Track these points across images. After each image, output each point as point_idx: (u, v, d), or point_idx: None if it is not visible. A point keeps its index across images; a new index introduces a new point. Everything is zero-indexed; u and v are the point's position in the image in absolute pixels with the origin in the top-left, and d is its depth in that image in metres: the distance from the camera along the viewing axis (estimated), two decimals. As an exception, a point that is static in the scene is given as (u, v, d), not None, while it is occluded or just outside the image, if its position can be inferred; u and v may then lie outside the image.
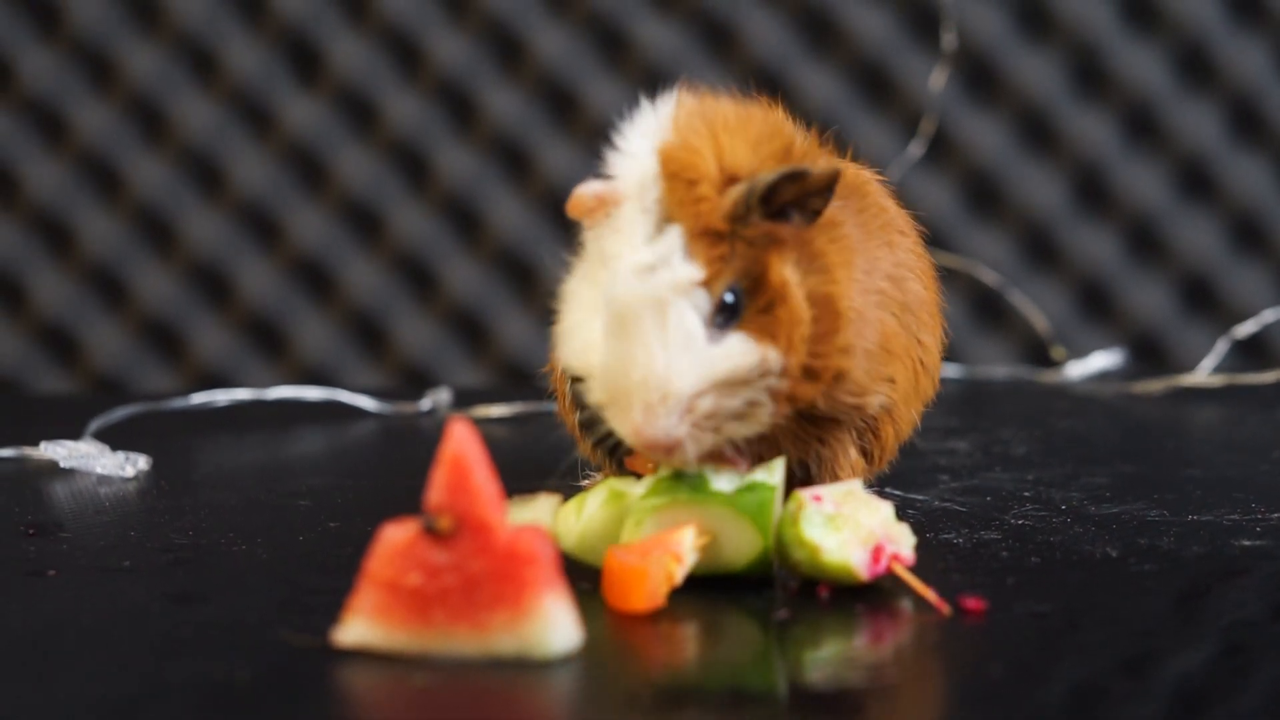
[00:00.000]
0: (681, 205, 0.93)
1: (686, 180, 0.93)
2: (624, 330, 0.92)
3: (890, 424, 1.04)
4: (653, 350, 0.91)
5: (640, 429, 0.92)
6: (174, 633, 0.89)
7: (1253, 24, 1.88)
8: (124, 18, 1.88)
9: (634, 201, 0.94)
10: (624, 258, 0.93)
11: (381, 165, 1.89)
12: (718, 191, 0.93)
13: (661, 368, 0.91)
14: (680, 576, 0.92)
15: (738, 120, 0.97)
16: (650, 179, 0.94)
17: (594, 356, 0.95)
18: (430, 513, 0.84)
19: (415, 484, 0.90)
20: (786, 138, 0.98)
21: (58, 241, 1.89)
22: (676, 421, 0.92)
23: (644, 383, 0.91)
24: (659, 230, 0.93)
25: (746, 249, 0.93)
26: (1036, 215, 1.90)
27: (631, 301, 0.92)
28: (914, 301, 1.03)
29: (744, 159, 0.94)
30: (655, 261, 0.92)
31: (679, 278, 0.92)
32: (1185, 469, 1.30)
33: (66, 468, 1.31)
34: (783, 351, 0.93)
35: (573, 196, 0.96)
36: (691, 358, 0.92)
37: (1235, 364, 1.84)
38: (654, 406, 0.91)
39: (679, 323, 0.92)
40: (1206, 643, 0.86)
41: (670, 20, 1.88)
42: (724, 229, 0.93)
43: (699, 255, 0.92)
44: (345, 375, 1.89)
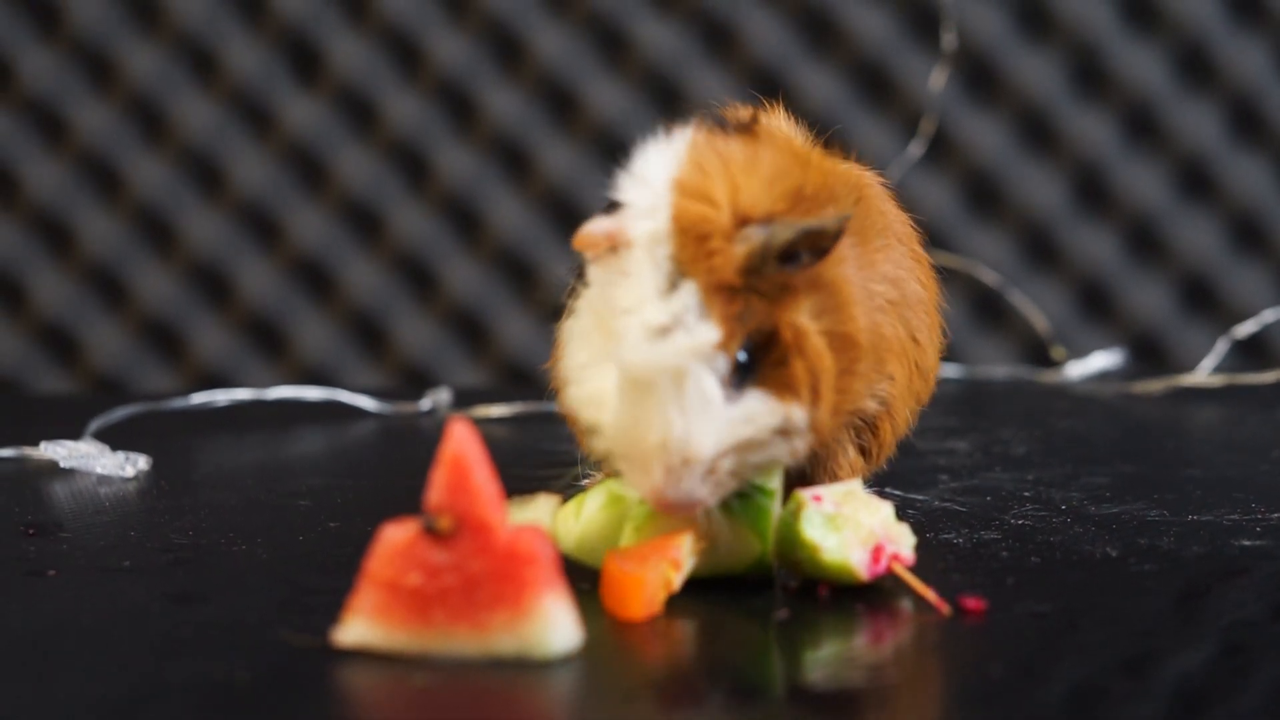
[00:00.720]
0: (694, 261, 0.91)
1: (698, 235, 0.91)
2: (640, 395, 0.91)
3: (888, 421, 1.04)
4: (671, 416, 0.90)
5: (662, 492, 0.91)
6: (174, 633, 0.89)
7: (1253, 24, 1.88)
8: (124, 18, 1.88)
9: (644, 251, 0.92)
10: (636, 315, 0.91)
11: (381, 165, 1.89)
12: (729, 240, 0.91)
13: (681, 433, 0.90)
14: (678, 583, 0.92)
15: (749, 160, 0.94)
16: (662, 233, 0.92)
17: (606, 410, 0.94)
18: (430, 513, 0.84)
19: (415, 484, 0.90)
20: (797, 177, 0.95)
21: (58, 241, 1.89)
22: (698, 484, 0.91)
23: (663, 446, 0.90)
24: (672, 285, 0.91)
25: (759, 302, 0.91)
26: (1036, 215, 1.90)
27: (647, 367, 0.90)
28: (912, 301, 1.03)
29: (757, 200, 0.92)
30: (670, 323, 0.90)
31: (697, 342, 0.90)
32: (1185, 469, 1.30)
33: (66, 468, 1.31)
34: (806, 405, 0.92)
35: (582, 233, 0.94)
36: (711, 422, 0.90)
37: (1235, 364, 1.84)
38: (676, 470, 0.90)
39: (697, 388, 0.90)
40: (1206, 643, 0.86)
41: (670, 20, 1.88)
42: (738, 284, 0.91)
43: (714, 313, 0.90)
44: (345, 375, 1.89)
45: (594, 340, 0.96)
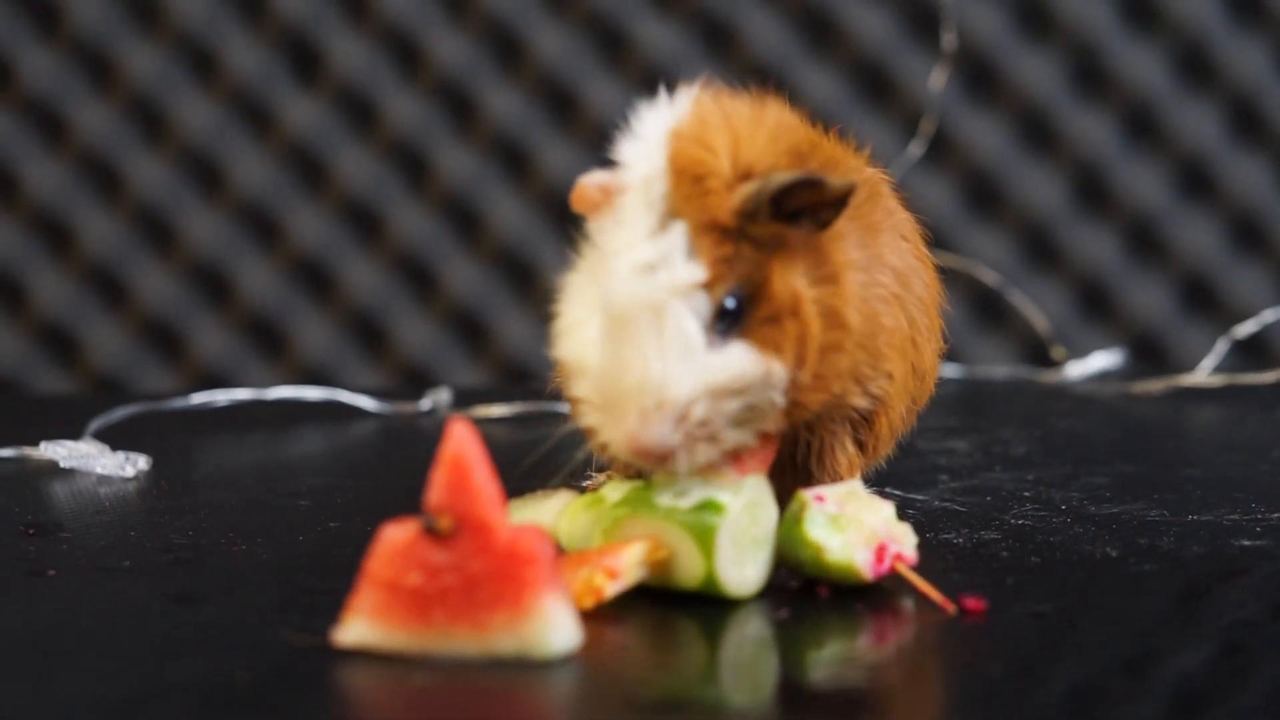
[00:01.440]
0: (688, 200, 0.90)
1: (694, 175, 0.91)
2: (620, 333, 0.90)
3: (884, 415, 1.03)
4: (649, 355, 0.89)
5: (634, 436, 0.89)
6: (174, 633, 0.89)
7: (1253, 24, 1.88)
8: (124, 18, 1.88)
9: (638, 194, 0.92)
10: (623, 255, 0.90)
11: (381, 165, 1.89)
12: (728, 188, 0.91)
13: (657, 374, 0.89)
14: (612, 591, 0.90)
15: (753, 116, 0.95)
16: (657, 172, 0.92)
17: (590, 357, 0.93)
18: (430, 513, 0.84)
19: (415, 484, 0.90)
20: (804, 135, 0.96)
21: (58, 241, 1.89)
22: (670, 430, 0.89)
23: (639, 388, 0.89)
24: (663, 225, 0.91)
25: (753, 251, 0.91)
26: (1036, 215, 1.90)
27: (628, 303, 0.89)
28: (914, 298, 1.03)
29: (759, 154, 0.92)
30: (655, 260, 0.89)
31: (679, 279, 0.89)
32: (1185, 469, 1.30)
33: (66, 468, 1.31)
34: (790, 365, 0.91)
35: (577, 187, 0.94)
36: (689, 364, 0.89)
37: (1235, 364, 1.84)
38: (649, 414, 0.89)
39: (677, 327, 0.89)
40: (1206, 643, 0.86)
41: (670, 20, 1.88)
42: (731, 225, 0.90)
43: (703, 253, 0.90)
44: (345, 375, 1.89)
45: (584, 293, 0.96)
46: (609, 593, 0.90)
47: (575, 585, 0.90)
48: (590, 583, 0.90)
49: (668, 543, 0.92)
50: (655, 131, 0.94)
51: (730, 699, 0.81)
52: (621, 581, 0.91)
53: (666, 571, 0.93)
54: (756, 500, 0.93)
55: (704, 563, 0.91)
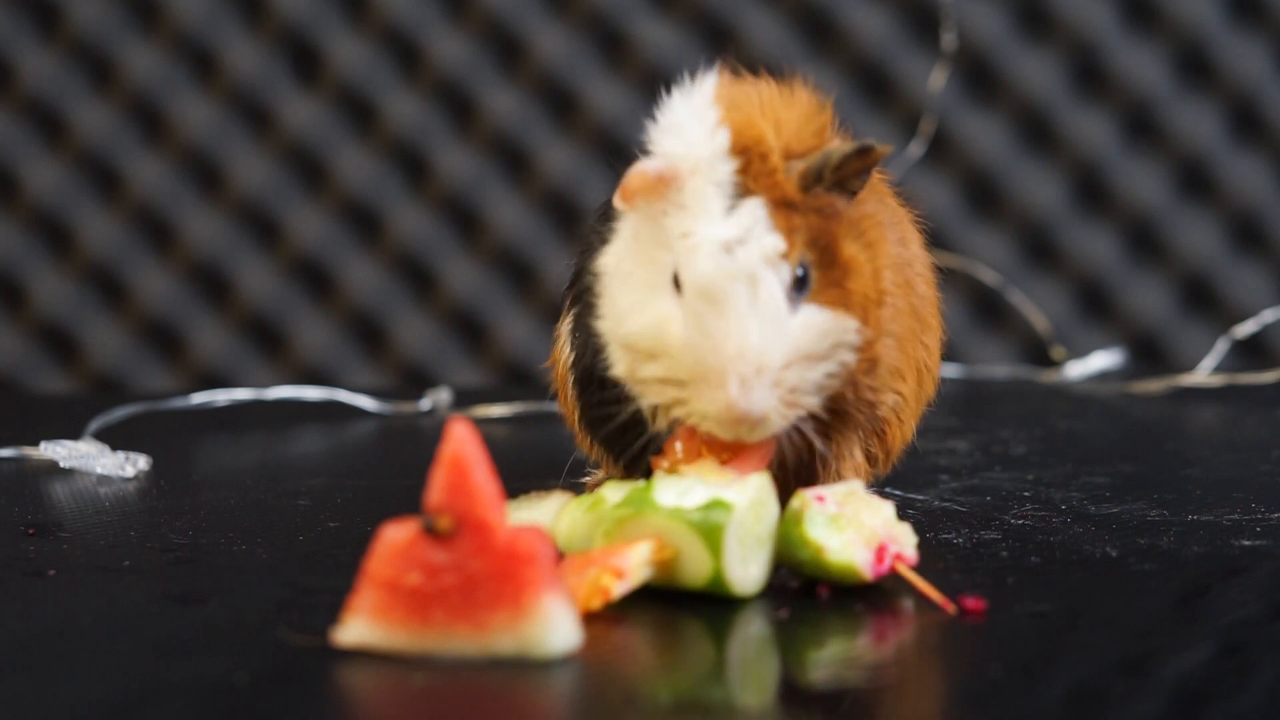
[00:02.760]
0: (758, 178, 0.94)
1: (760, 153, 0.94)
2: (714, 305, 0.92)
3: (897, 427, 1.04)
4: (747, 324, 0.92)
5: (735, 402, 0.92)
6: (174, 633, 0.89)
7: (1253, 24, 1.88)
8: (124, 18, 1.88)
9: (702, 176, 0.94)
10: (703, 233, 0.93)
11: (381, 165, 1.89)
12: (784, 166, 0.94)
13: (757, 341, 0.92)
14: (619, 591, 0.90)
15: (785, 97, 0.99)
16: (720, 153, 0.94)
17: (670, 333, 0.94)
18: (430, 513, 0.84)
19: (415, 484, 0.90)
20: (827, 114, 1.00)
21: (58, 241, 1.89)
22: (768, 395, 0.92)
23: (739, 356, 0.92)
24: (735, 203, 0.93)
25: (815, 220, 0.94)
26: (1036, 215, 1.90)
27: (722, 276, 0.92)
28: (920, 303, 1.03)
29: (798, 134, 0.96)
30: (741, 234, 0.92)
31: (767, 249, 0.92)
32: (1185, 469, 1.30)
33: (66, 468, 1.31)
34: (859, 322, 0.94)
35: (630, 177, 0.95)
36: (779, 331, 0.92)
37: (1235, 364, 1.84)
38: (749, 379, 0.91)
39: (769, 296, 0.92)
40: (1206, 643, 0.86)
41: (670, 20, 1.88)
42: (798, 200, 0.94)
43: (779, 225, 0.93)
44: (345, 375, 1.89)
45: (640, 276, 0.97)
46: (616, 593, 0.90)
47: (582, 586, 0.90)
48: (597, 583, 0.90)
49: (673, 542, 0.92)
50: (699, 118, 0.96)
51: (730, 699, 0.81)
52: (628, 582, 0.91)
53: (672, 571, 0.93)
54: (760, 499, 0.94)
55: (712, 562, 0.91)
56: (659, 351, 0.95)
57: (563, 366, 1.08)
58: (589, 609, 0.89)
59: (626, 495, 0.94)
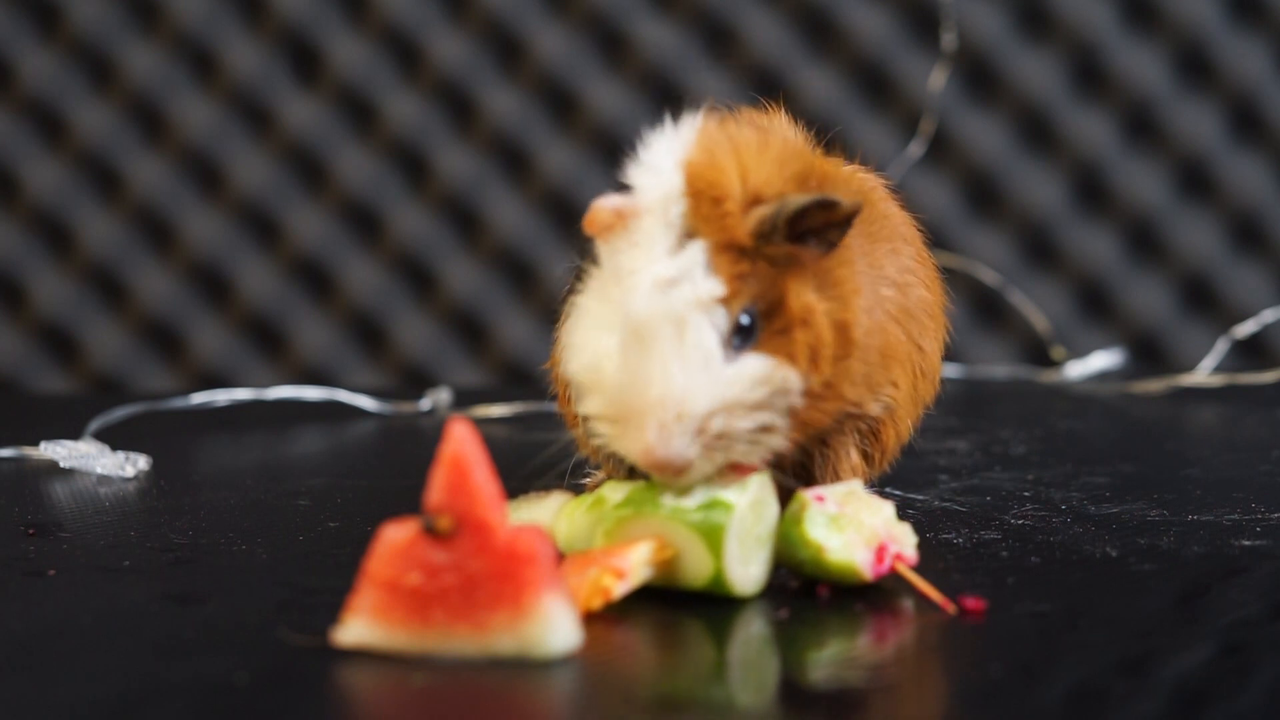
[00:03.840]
0: (706, 221, 0.92)
1: (712, 197, 0.93)
2: (641, 346, 0.91)
3: (891, 427, 1.04)
4: (670, 368, 0.90)
5: (653, 449, 0.91)
6: (174, 633, 0.89)
7: (1253, 24, 1.88)
8: (124, 18, 1.88)
9: (656, 216, 0.93)
10: (643, 272, 0.92)
11: (381, 165, 1.89)
12: (742, 210, 0.93)
13: (679, 386, 0.90)
14: (620, 591, 0.90)
15: (761, 142, 0.96)
16: (674, 194, 0.93)
17: (605, 371, 0.94)
18: (430, 513, 0.84)
19: (415, 484, 0.90)
20: (808, 160, 0.98)
21: (58, 241, 1.90)
22: (689, 442, 0.90)
23: (660, 401, 0.90)
24: (681, 244, 0.92)
25: (767, 269, 0.92)
26: (1036, 215, 1.90)
27: (651, 316, 0.91)
28: (916, 307, 1.03)
29: (768, 179, 0.94)
30: (677, 275, 0.91)
31: (700, 293, 0.91)
32: (1185, 469, 1.30)
33: (66, 468, 1.31)
34: (802, 373, 0.92)
35: (591, 211, 0.95)
36: (708, 377, 0.91)
37: (1235, 364, 1.84)
38: (668, 426, 0.90)
39: (697, 341, 0.91)
40: (1206, 643, 0.86)
41: (670, 20, 1.88)
42: (748, 245, 0.92)
43: (721, 270, 0.92)
44: (345, 375, 1.89)
45: (597, 312, 0.97)
46: (617, 593, 0.90)
47: (583, 586, 0.90)
48: (598, 583, 0.90)
49: (673, 542, 0.92)
50: (667, 157, 0.96)
51: (730, 699, 0.81)
52: (629, 582, 0.91)
53: (672, 571, 0.93)
54: (761, 499, 0.94)
55: (712, 562, 0.91)
56: (596, 388, 0.95)
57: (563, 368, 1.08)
58: (589, 609, 0.89)
59: (627, 495, 0.94)
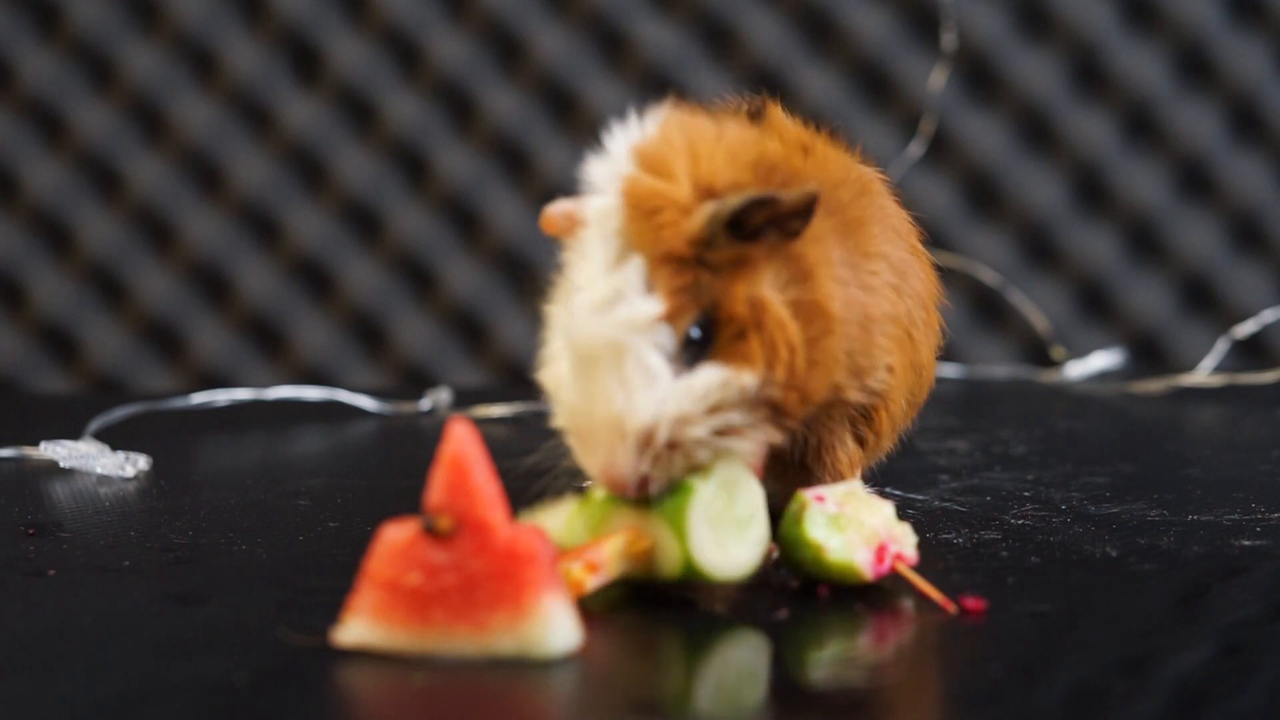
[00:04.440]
0: (642, 234, 0.91)
1: (648, 209, 0.91)
2: (586, 370, 0.91)
3: (884, 409, 1.03)
4: (611, 390, 0.90)
5: (605, 469, 0.91)
6: (174, 633, 0.89)
7: (1253, 24, 1.88)
8: (124, 18, 1.88)
9: (596, 227, 0.92)
10: (584, 290, 0.91)
11: (381, 165, 1.89)
12: (685, 213, 0.91)
13: (619, 408, 0.90)
14: (593, 584, 0.90)
15: (715, 133, 0.94)
16: (611, 208, 0.92)
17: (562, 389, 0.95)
18: (430, 513, 0.84)
19: (415, 484, 0.90)
20: (761, 149, 0.95)
21: (58, 241, 1.90)
22: (636, 459, 0.90)
23: (605, 422, 0.90)
24: (619, 260, 0.91)
25: (712, 276, 0.91)
26: (1036, 215, 1.90)
27: (588, 341, 0.90)
28: (910, 293, 1.03)
29: (719, 171, 0.92)
30: (611, 296, 0.90)
31: (636, 315, 0.89)
32: (1185, 469, 1.30)
33: (66, 468, 1.31)
34: (761, 372, 0.91)
35: (543, 214, 0.95)
36: (649, 395, 0.90)
37: (1235, 364, 1.84)
38: (615, 446, 0.90)
39: (637, 362, 0.90)
40: (1206, 643, 0.86)
41: (670, 20, 1.88)
42: (688, 254, 0.90)
43: (660, 286, 0.90)
44: (345, 375, 1.89)
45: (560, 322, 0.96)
46: (590, 586, 0.90)
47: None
48: (570, 576, 0.90)
49: (649, 533, 0.92)
50: (618, 153, 0.95)
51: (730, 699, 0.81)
52: (603, 575, 0.91)
53: (651, 563, 0.93)
54: (731, 479, 0.93)
55: (679, 546, 0.91)
56: (560, 403, 0.95)
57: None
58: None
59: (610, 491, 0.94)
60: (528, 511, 1.01)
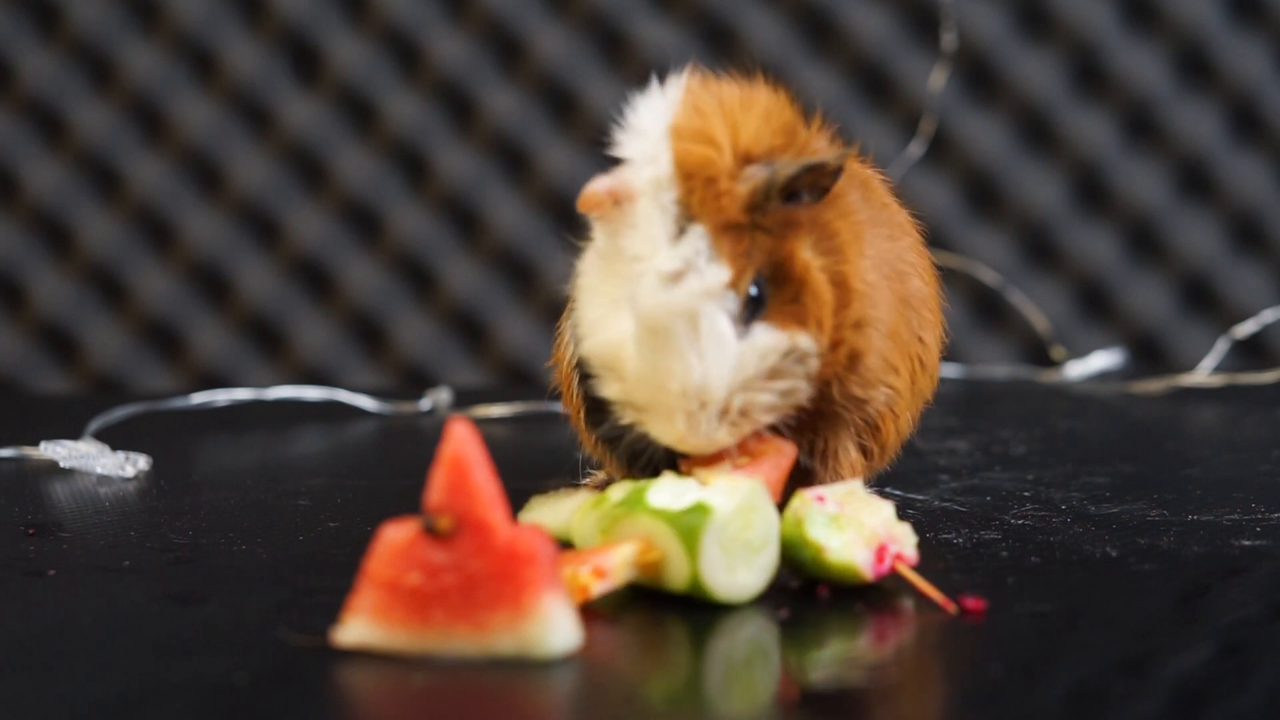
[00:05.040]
0: (703, 204, 0.93)
1: (705, 177, 0.93)
2: (657, 341, 0.92)
3: (892, 421, 1.04)
4: (689, 361, 0.92)
5: (685, 438, 0.93)
6: (174, 633, 0.89)
7: (1253, 24, 1.88)
8: (124, 18, 1.88)
9: (650, 199, 0.94)
10: (648, 262, 0.92)
11: (381, 165, 1.89)
12: (734, 179, 0.93)
13: (699, 378, 0.92)
14: (599, 590, 0.90)
15: (744, 98, 0.97)
16: (666, 178, 0.94)
17: (624, 357, 0.95)
18: (430, 513, 0.84)
19: (415, 484, 0.90)
20: (791, 113, 0.98)
21: (58, 241, 1.89)
22: (716, 427, 0.93)
23: (683, 393, 0.92)
24: (680, 230, 0.93)
25: (765, 238, 0.93)
26: (1036, 215, 1.90)
27: (662, 313, 0.92)
28: (915, 298, 1.03)
29: (757, 137, 0.94)
30: (682, 267, 0.92)
31: (709, 283, 0.92)
32: (1185, 469, 1.30)
33: (66, 468, 1.31)
34: (814, 334, 0.94)
35: (584, 192, 0.95)
36: (724, 361, 0.92)
37: (1235, 364, 1.84)
38: (695, 415, 0.92)
39: (711, 330, 0.92)
40: (1206, 643, 0.86)
41: (670, 20, 1.88)
42: (744, 221, 0.93)
43: (723, 252, 0.92)
44: (345, 375, 1.89)
45: (605, 291, 0.97)
46: (595, 592, 0.90)
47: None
48: (576, 580, 0.90)
49: (659, 544, 0.92)
50: (654, 126, 0.96)
51: (730, 699, 0.81)
52: (609, 581, 0.91)
53: (659, 573, 0.93)
54: (751, 504, 0.92)
55: (689, 565, 0.91)
56: (618, 372, 0.96)
57: (567, 364, 1.08)
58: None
59: (626, 495, 0.94)
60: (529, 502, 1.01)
